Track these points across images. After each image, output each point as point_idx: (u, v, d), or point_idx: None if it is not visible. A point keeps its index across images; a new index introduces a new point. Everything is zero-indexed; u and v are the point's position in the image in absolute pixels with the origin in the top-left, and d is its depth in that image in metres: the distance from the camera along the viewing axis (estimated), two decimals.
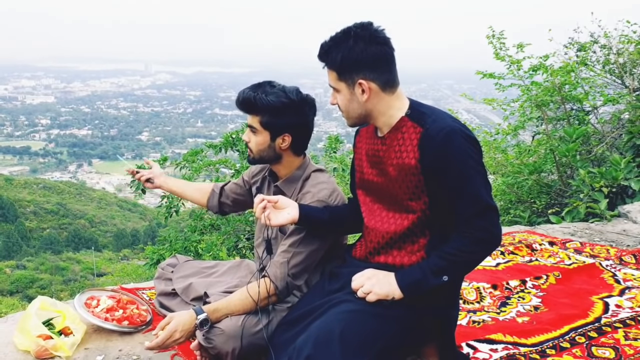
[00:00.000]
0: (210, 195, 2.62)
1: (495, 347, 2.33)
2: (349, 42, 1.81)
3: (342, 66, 1.84)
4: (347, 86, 1.87)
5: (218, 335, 2.01)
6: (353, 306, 1.86)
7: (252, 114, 2.20)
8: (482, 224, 1.80)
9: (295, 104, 2.17)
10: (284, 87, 2.19)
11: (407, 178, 1.86)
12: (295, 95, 2.18)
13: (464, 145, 1.78)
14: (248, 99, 2.16)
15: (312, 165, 2.30)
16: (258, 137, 2.21)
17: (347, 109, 1.91)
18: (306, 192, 2.20)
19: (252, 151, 2.25)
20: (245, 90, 2.20)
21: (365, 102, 1.86)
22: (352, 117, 1.93)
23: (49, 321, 2.27)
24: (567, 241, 3.78)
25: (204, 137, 73.51)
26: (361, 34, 1.81)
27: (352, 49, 1.81)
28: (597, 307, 2.74)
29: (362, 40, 1.81)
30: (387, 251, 1.97)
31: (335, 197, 2.20)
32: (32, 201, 42.37)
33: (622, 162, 4.76)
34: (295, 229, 2.15)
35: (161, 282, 2.55)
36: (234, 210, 2.68)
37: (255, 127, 2.20)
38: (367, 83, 1.83)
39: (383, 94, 1.86)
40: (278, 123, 2.18)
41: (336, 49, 1.84)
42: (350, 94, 1.87)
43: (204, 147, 7.44)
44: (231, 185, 2.60)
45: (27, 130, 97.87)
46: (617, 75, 6.49)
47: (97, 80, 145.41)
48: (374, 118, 1.92)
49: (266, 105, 2.15)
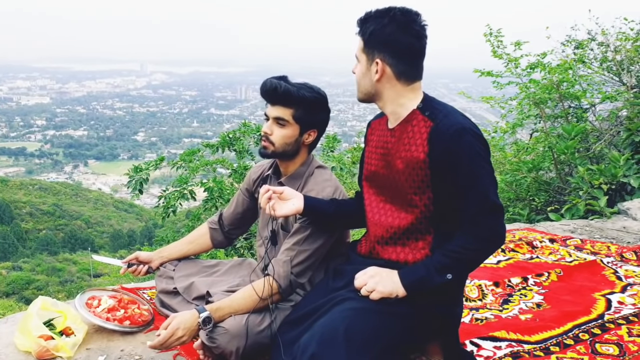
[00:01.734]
0: (211, 235, 2.59)
1: (498, 344, 2.32)
2: (384, 19, 1.82)
3: (369, 39, 1.85)
4: (367, 59, 1.88)
5: (222, 335, 2.00)
6: (357, 304, 1.85)
7: (284, 106, 2.15)
8: (488, 223, 1.79)
9: (325, 100, 2.20)
10: (307, 83, 2.20)
11: (413, 172, 1.85)
12: (322, 92, 2.21)
13: (473, 143, 1.78)
14: (288, 91, 2.12)
15: (315, 161, 2.30)
16: (286, 130, 2.18)
17: (360, 82, 1.93)
18: (310, 190, 2.20)
19: (274, 144, 2.19)
20: (276, 81, 2.15)
21: (376, 81, 1.87)
22: (361, 90, 1.94)
23: (50, 321, 2.25)
24: (568, 238, 3.78)
25: (200, 137, 73.45)
26: (399, 18, 1.82)
27: (384, 28, 1.82)
28: (599, 304, 2.73)
29: (396, 24, 1.81)
30: (391, 246, 1.96)
31: (339, 194, 2.20)
32: (28, 202, 42.19)
33: (621, 159, 4.76)
34: (300, 227, 2.14)
35: (162, 280, 2.53)
36: (241, 233, 2.65)
37: (286, 120, 2.16)
38: (382, 65, 1.84)
39: (396, 81, 1.86)
40: (310, 118, 2.18)
41: (373, 21, 1.85)
42: (366, 68, 1.89)
43: (201, 147, 7.42)
44: (228, 211, 2.56)
45: (22, 131, 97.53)
46: (614, 73, 6.49)
47: (92, 81, 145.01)
48: (383, 102, 1.92)
49: (303, 99, 2.14)
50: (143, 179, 6.70)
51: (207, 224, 2.60)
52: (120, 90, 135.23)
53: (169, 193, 6.77)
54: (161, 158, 7.12)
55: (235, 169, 7.06)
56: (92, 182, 72.50)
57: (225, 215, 2.57)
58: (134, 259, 2.55)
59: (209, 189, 6.66)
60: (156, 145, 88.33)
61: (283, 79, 2.17)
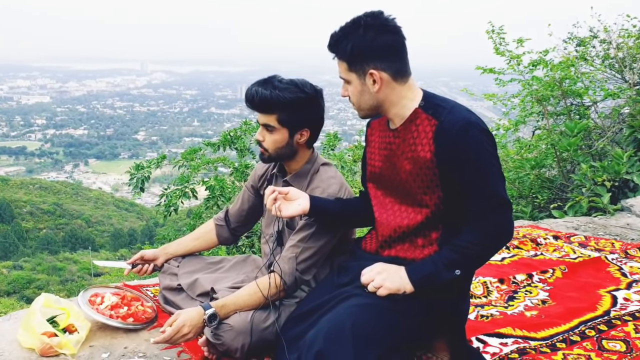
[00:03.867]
0: (217, 231, 2.56)
1: (505, 341, 2.31)
2: (359, 31, 1.78)
3: (352, 56, 1.81)
4: (358, 77, 1.83)
5: (227, 331, 1.98)
6: (363, 300, 1.84)
7: (268, 113, 2.11)
8: (497, 219, 1.78)
9: (311, 97, 2.13)
10: (294, 81, 2.13)
11: (421, 172, 1.82)
12: (309, 88, 2.13)
13: (480, 139, 1.76)
14: (265, 98, 2.06)
15: (320, 158, 2.27)
16: (275, 135, 2.13)
17: (359, 101, 1.88)
18: (315, 187, 2.18)
19: (268, 150, 2.17)
20: (254, 88, 2.10)
21: (377, 92, 1.83)
22: (363, 108, 1.89)
23: (53, 318, 2.23)
24: (571, 235, 3.76)
25: (201, 136, 73.36)
26: (371, 22, 1.78)
27: (363, 38, 1.78)
28: (605, 300, 2.72)
29: (372, 29, 1.77)
30: (398, 245, 1.94)
31: (344, 191, 2.18)
32: (28, 201, 42.17)
33: (624, 156, 4.74)
34: (305, 224, 2.12)
35: (166, 277, 2.51)
36: (247, 230, 2.62)
37: (273, 126, 2.12)
38: (378, 73, 1.80)
39: (395, 83, 1.83)
40: (297, 119, 2.12)
41: (346, 39, 1.80)
42: (361, 85, 1.84)
43: (202, 146, 7.41)
44: (234, 208, 2.54)
45: (22, 130, 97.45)
46: (617, 70, 6.48)
47: (92, 80, 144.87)
48: (386, 109, 1.88)
49: (284, 103, 2.07)
50: (145, 177, 6.67)
51: (213, 220, 2.58)
52: (120, 90, 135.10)
53: (171, 191, 6.75)
54: (163, 156, 7.09)
55: (237, 167, 7.05)
56: (93, 181, 72.45)
57: (231, 212, 2.55)
58: (139, 259, 2.51)
59: (210, 187, 6.64)
60: (157, 145, 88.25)
61: (269, 81, 2.11)
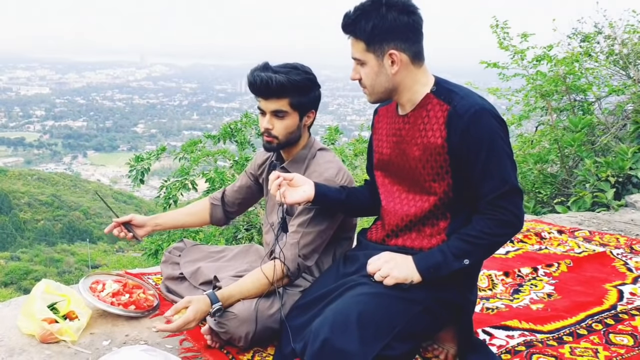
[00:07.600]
0: (211, 210, 2.52)
1: (511, 333, 2.28)
2: (380, 10, 1.74)
3: (372, 35, 1.75)
4: (375, 57, 1.78)
5: (231, 320, 1.95)
6: (370, 289, 1.80)
7: (280, 98, 2.07)
8: (507, 206, 1.74)
9: (314, 77, 2.13)
10: (291, 64, 2.11)
11: (431, 158, 1.79)
12: (308, 68, 2.13)
13: (493, 125, 1.73)
14: (281, 82, 2.02)
15: (317, 143, 2.24)
16: (287, 120, 2.10)
17: (373, 83, 1.82)
18: (312, 172, 2.14)
19: (278, 137, 2.12)
20: (264, 74, 2.04)
21: (395, 74, 1.79)
22: (377, 91, 1.84)
23: (53, 305, 2.20)
24: (576, 230, 3.73)
25: (200, 129, 73.17)
26: (393, 2, 1.74)
27: (385, 17, 1.73)
28: (611, 294, 2.69)
29: (394, 9, 1.74)
30: (405, 234, 1.91)
31: (342, 175, 2.14)
32: (26, 192, 42.07)
33: (628, 152, 4.72)
34: (304, 209, 2.09)
35: (168, 266, 2.48)
36: (239, 214, 2.59)
37: (285, 110, 2.09)
38: (398, 54, 1.76)
39: (412, 66, 1.80)
40: (306, 101, 2.12)
41: (366, 17, 1.75)
42: (378, 66, 1.79)
43: (203, 138, 7.37)
44: (231, 190, 2.50)
45: (21, 121, 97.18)
46: (621, 66, 6.44)
47: (92, 72, 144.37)
48: (399, 93, 1.84)
49: (295, 86, 2.05)
50: (145, 168, 6.64)
51: (209, 199, 2.54)
52: (120, 82, 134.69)
53: (170, 183, 6.72)
54: (162, 148, 7.05)
55: (237, 160, 7.01)
56: (91, 173, 72.26)
57: (228, 193, 2.51)
58: (128, 220, 2.39)
59: (210, 179, 6.61)
60: (156, 137, 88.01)
61: (267, 69, 2.07)
